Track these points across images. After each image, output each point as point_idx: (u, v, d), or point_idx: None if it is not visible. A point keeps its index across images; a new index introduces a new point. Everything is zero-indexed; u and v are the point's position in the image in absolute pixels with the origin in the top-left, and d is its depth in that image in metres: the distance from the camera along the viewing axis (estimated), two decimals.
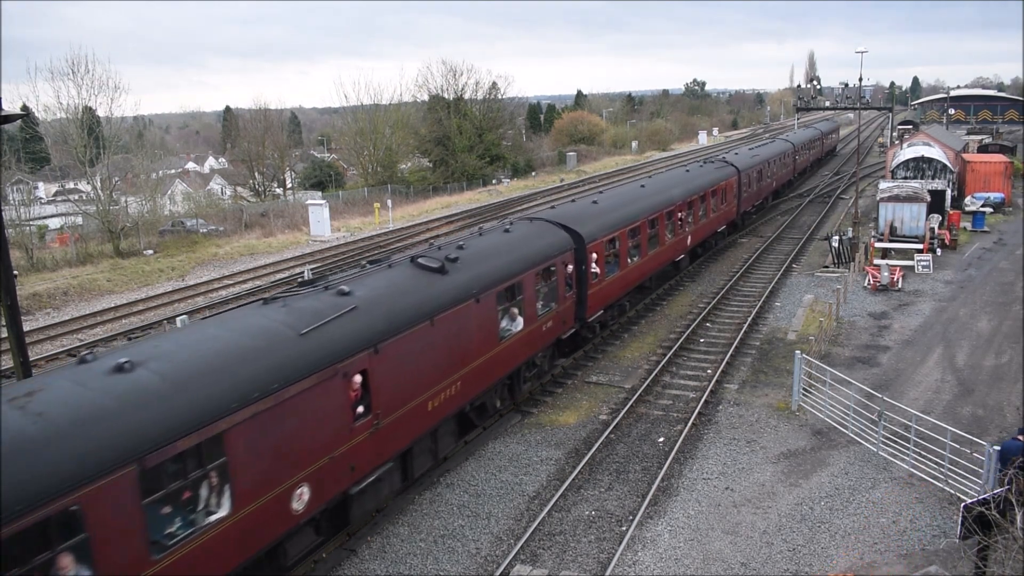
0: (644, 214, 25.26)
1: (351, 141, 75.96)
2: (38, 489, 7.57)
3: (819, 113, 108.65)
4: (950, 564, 12.29)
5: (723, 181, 35.10)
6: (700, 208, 31.54)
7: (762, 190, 44.06)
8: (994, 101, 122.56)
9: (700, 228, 31.76)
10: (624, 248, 23.54)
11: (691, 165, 37.51)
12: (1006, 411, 18.12)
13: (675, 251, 28.87)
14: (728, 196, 35.94)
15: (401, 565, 13.01)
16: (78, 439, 8.10)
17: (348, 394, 12.13)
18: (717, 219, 34.54)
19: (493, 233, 19.28)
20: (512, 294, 17.38)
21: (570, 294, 20.23)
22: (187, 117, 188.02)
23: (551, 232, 20.12)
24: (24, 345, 12.96)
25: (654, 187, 28.75)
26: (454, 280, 15.21)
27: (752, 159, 42.07)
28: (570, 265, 20.09)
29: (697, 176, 33.17)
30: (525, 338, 17.88)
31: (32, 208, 49.10)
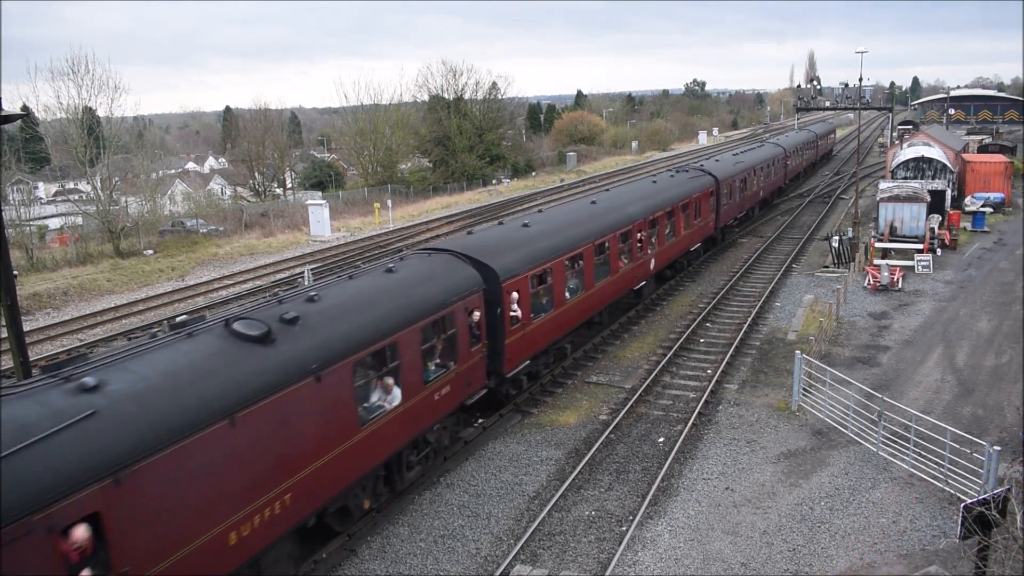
0: (590, 238, 21.41)
1: (351, 141, 75.98)
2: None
3: (819, 113, 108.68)
4: (950, 564, 12.29)
5: (698, 193, 31.45)
6: (667, 225, 27.76)
7: (746, 200, 40.21)
8: (994, 101, 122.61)
9: (667, 249, 28.11)
10: (560, 282, 19.67)
11: (661, 175, 33.76)
12: (1006, 411, 18.12)
13: (633, 279, 25.03)
14: (704, 209, 32.27)
15: (401, 565, 13.01)
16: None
17: (56, 561, 7.89)
18: (690, 236, 30.77)
19: (368, 275, 14.84)
20: (382, 360, 13.37)
21: (477, 348, 16.29)
22: (187, 117, 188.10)
23: (453, 269, 16.14)
24: (24, 345, 12.97)
25: (608, 203, 24.90)
26: (282, 353, 11.07)
27: (734, 166, 38.41)
28: (477, 311, 16.17)
29: (665, 188, 29.42)
30: (405, 415, 13.80)
31: (32, 208, 49.09)
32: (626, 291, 24.65)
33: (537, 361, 19.50)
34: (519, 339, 17.78)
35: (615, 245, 23.08)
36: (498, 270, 16.86)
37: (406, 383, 13.80)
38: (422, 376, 14.40)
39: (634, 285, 25.24)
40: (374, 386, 13.42)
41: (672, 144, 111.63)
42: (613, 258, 23.00)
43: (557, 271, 19.53)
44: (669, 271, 29.74)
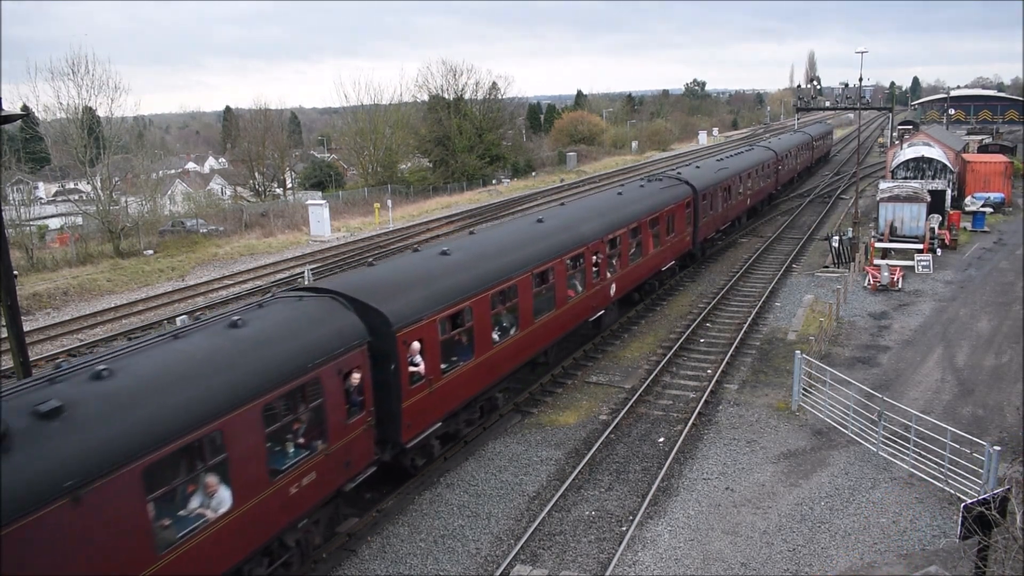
0: (528, 265, 18.14)
1: (351, 141, 76.04)
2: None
3: (819, 113, 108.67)
4: (950, 564, 12.30)
5: (671, 204, 28.17)
6: (632, 244, 24.63)
7: (730, 211, 36.82)
8: (994, 101, 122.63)
9: (633, 270, 24.87)
10: (484, 322, 16.31)
11: (629, 184, 30.41)
12: (1006, 411, 18.12)
13: (588, 309, 21.78)
14: (679, 223, 29.01)
15: (401, 565, 13.01)
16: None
17: None
18: (662, 254, 27.50)
19: (202, 332, 11.37)
20: (198, 455, 9.96)
21: (359, 418, 12.89)
22: (187, 117, 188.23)
23: (325, 319, 12.65)
24: (24, 345, 12.97)
25: (558, 222, 21.40)
26: (16, 466, 7.87)
27: (716, 173, 34.86)
28: (357, 372, 12.80)
29: (632, 201, 26.11)
30: (242, 521, 10.46)
31: (32, 208, 49.15)
32: (579, 323, 21.36)
33: (456, 419, 16.35)
34: (423, 399, 14.37)
35: (562, 272, 19.68)
36: (391, 316, 13.49)
37: (241, 480, 10.41)
38: (268, 466, 10.99)
39: (590, 316, 21.98)
40: (186, 491, 9.99)
41: (672, 144, 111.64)
42: (560, 287, 19.68)
43: (480, 310, 16.12)
44: (637, 294, 26.58)
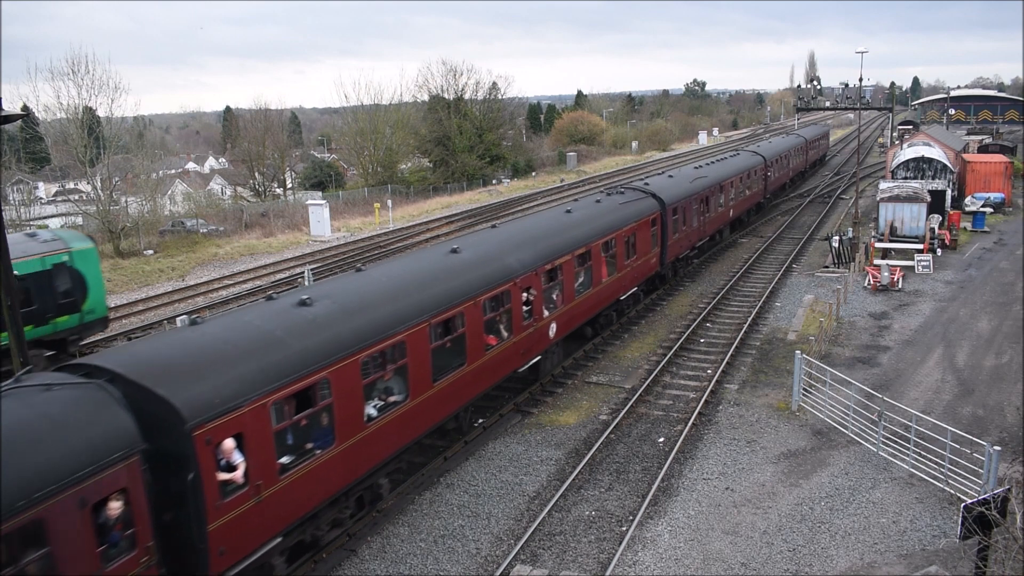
0: (425, 314, 14.40)
1: (351, 141, 76.02)
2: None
3: (818, 114, 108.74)
4: (950, 564, 12.30)
5: (634, 222, 24.52)
6: (580, 273, 21.04)
7: (708, 224, 33.10)
8: (994, 101, 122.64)
9: (581, 304, 21.15)
10: (351, 395, 12.55)
11: (584, 200, 26.36)
12: (1006, 411, 18.12)
13: (515, 357, 17.87)
14: (643, 243, 25.38)
15: (401, 565, 13.01)
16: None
17: None
18: (621, 281, 23.84)
19: None
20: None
21: (124, 560, 9.14)
22: (187, 117, 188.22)
23: (73, 420, 9.01)
24: (24, 345, 12.97)
25: (479, 252, 17.58)
26: None
27: (692, 184, 31.37)
28: (116, 501, 9.08)
29: (583, 220, 22.23)
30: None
31: (32, 208, 49.20)
32: (505, 376, 17.71)
33: (316, 522, 12.64)
34: (245, 514, 10.55)
35: (476, 317, 15.97)
36: (184, 407, 9.71)
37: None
38: None
39: (520, 365, 18.29)
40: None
41: (672, 144, 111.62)
42: (474, 336, 15.98)
43: (345, 380, 12.27)
44: (591, 328, 23.17)
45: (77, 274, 23.34)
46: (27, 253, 22.21)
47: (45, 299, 22.51)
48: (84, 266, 23.55)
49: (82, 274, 23.49)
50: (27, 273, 21.77)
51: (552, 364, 20.58)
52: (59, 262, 22.90)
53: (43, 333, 22.52)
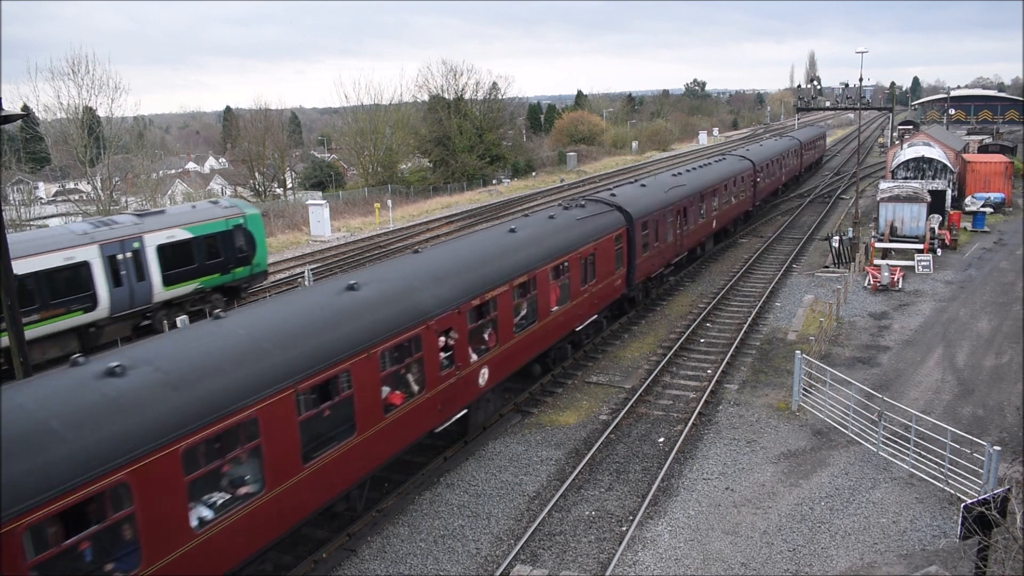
0: (295, 375, 11.41)
1: (351, 141, 76.03)
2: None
3: (819, 113, 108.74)
4: (950, 564, 12.30)
5: (594, 241, 21.64)
6: (522, 305, 18.34)
7: (685, 238, 30.08)
8: (994, 101, 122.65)
9: (523, 341, 18.18)
10: (172, 504, 9.59)
11: (537, 215, 22.74)
12: (1006, 411, 18.12)
13: (429, 414, 14.84)
14: (605, 263, 22.41)
15: (401, 565, 13.01)
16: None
17: None
18: (576, 310, 20.91)
19: None
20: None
21: None
22: (187, 117, 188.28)
23: None
24: (24, 345, 12.96)
25: (384, 288, 14.52)
26: None
27: (667, 193, 28.27)
28: None
29: (529, 242, 19.12)
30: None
31: (32, 208, 49.16)
32: (412, 441, 14.64)
33: None
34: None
35: (369, 374, 12.88)
36: None
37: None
38: None
39: (437, 423, 15.21)
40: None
41: (672, 144, 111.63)
42: (366, 398, 12.92)
43: (157, 480, 9.36)
44: (539, 365, 20.25)
45: (249, 234, 28.41)
46: (214, 216, 27.40)
47: (227, 253, 27.57)
48: (254, 228, 28.72)
49: (252, 234, 28.63)
50: (215, 232, 27.07)
51: (485, 415, 17.48)
52: (237, 224, 28.00)
53: (225, 281, 27.72)
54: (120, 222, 25.03)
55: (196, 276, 26.50)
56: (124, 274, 24.05)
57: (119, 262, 23.92)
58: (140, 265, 24.63)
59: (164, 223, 25.82)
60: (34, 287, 21.63)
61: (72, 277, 22.72)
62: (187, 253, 26.12)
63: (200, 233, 26.57)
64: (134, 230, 24.68)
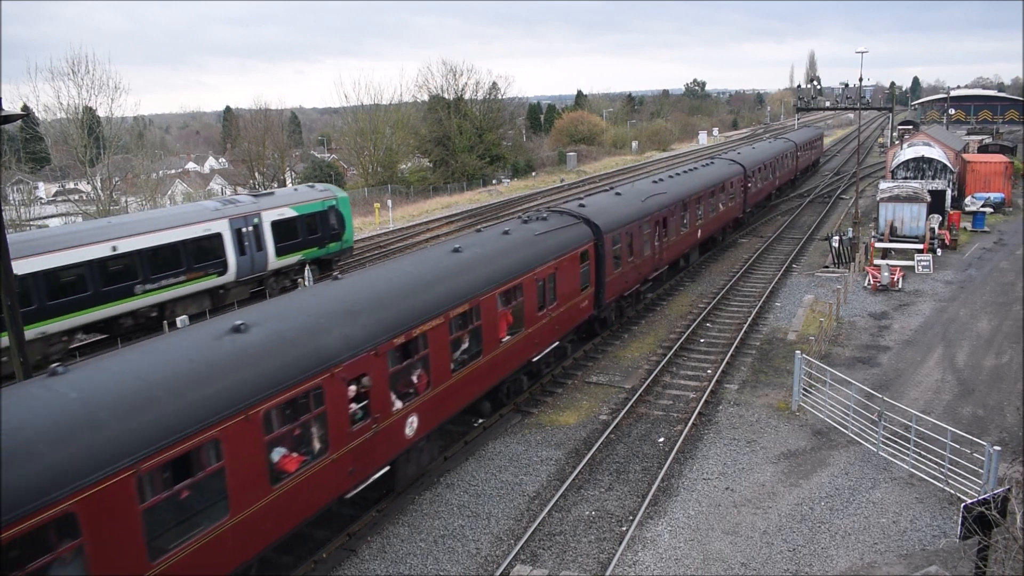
0: (134, 455, 9.08)
1: (351, 141, 76.05)
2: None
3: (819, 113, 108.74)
4: (950, 564, 12.30)
5: (555, 258, 19.42)
6: (465, 337, 15.98)
7: (667, 250, 28.19)
8: (994, 101, 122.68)
9: (465, 380, 15.90)
10: None
11: (490, 231, 20.12)
12: (1006, 411, 18.12)
13: (320, 490, 12.15)
14: (568, 282, 20.27)
15: (401, 565, 13.01)
16: None
17: None
18: (533, 338, 18.68)
19: None
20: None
21: None
22: (187, 117, 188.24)
23: None
24: (24, 345, 12.96)
25: (281, 327, 12.07)
26: None
27: (644, 203, 26.12)
28: None
29: (478, 261, 17.03)
30: None
31: (32, 208, 49.19)
32: (324, 505, 12.39)
33: None
34: None
35: (249, 439, 10.62)
36: None
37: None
38: None
39: (344, 489, 12.80)
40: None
41: (672, 144, 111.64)
42: (242, 470, 10.58)
43: None
44: (488, 402, 17.91)
45: (340, 214, 32.53)
46: (313, 197, 31.80)
47: (323, 230, 31.74)
48: (344, 208, 32.89)
49: (343, 214, 32.75)
50: (315, 211, 31.26)
51: (419, 466, 15.07)
52: (331, 205, 32.11)
53: (320, 254, 31.86)
54: (242, 201, 29.66)
55: (300, 249, 30.90)
56: (247, 245, 28.40)
57: (243, 234, 28.27)
58: (259, 238, 28.97)
59: (276, 203, 30.22)
60: (182, 253, 26.03)
61: (208, 246, 27.02)
62: (293, 229, 30.50)
63: (303, 212, 30.97)
64: (254, 208, 29.04)
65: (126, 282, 24.31)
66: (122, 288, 24.19)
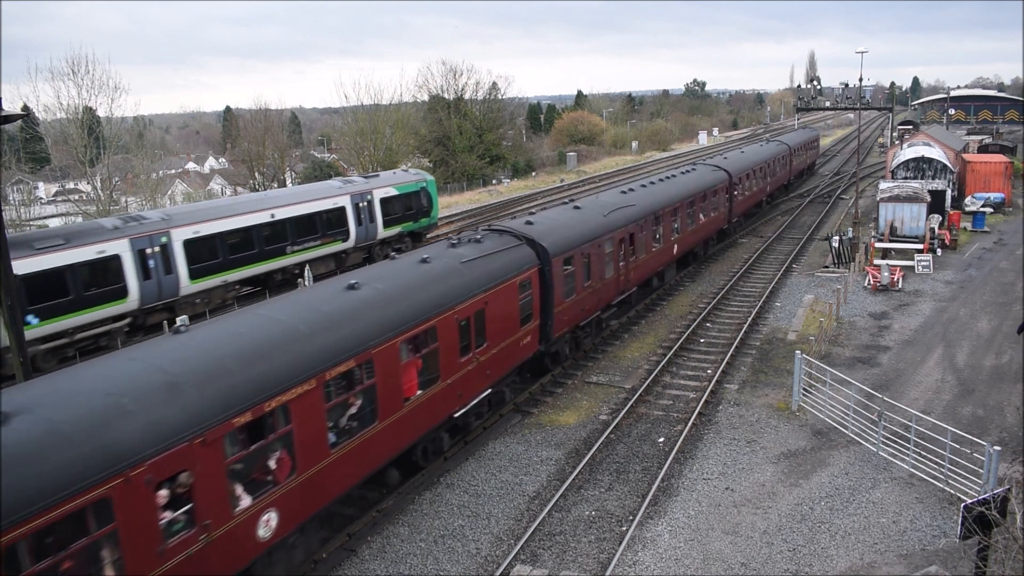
0: None
1: (351, 141, 75.96)
2: None
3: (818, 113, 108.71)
4: (950, 564, 12.30)
5: (485, 292, 16.41)
6: (355, 400, 13.03)
7: (636, 270, 25.11)
8: (994, 101, 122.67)
9: (345, 460, 12.55)
10: None
11: (408, 258, 16.81)
12: (1006, 411, 18.12)
13: None
14: (507, 317, 17.46)
15: (401, 565, 13.01)
16: None
17: None
18: (457, 387, 15.74)
19: None
20: None
21: None
22: (187, 117, 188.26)
23: None
24: (24, 345, 12.97)
25: (69, 414, 9.02)
26: None
27: (608, 217, 23.28)
28: None
29: (376, 302, 13.82)
30: None
31: (32, 208, 49.18)
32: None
33: None
34: None
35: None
36: None
37: None
38: None
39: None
40: None
41: (672, 144, 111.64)
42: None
43: None
44: (396, 471, 15.11)
45: (428, 194, 38.51)
46: (408, 180, 37.71)
47: (416, 208, 37.64)
48: (432, 190, 38.90)
49: (431, 194, 38.73)
50: (411, 191, 37.24)
51: (288, 568, 12.07)
52: (422, 186, 38.22)
53: (414, 227, 37.77)
54: (358, 181, 36.05)
55: (400, 222, 36.66)
56: (363, 217, 34.27)
57: (360, 209, 34.11)
58: (371, 212, 34.77)
59: (382, 183, 36.14)
60: (318, 221, 31.71)
61: (336, 217, 32.72)
62: (395, 206, 36.24)
63: (403, 191, 36.80)
64: (366, 186, 35.09)
65: (280, 243, 29.95)
66: (277, 248, 29.83)
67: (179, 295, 26.25)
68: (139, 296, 24.68)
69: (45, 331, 22.10)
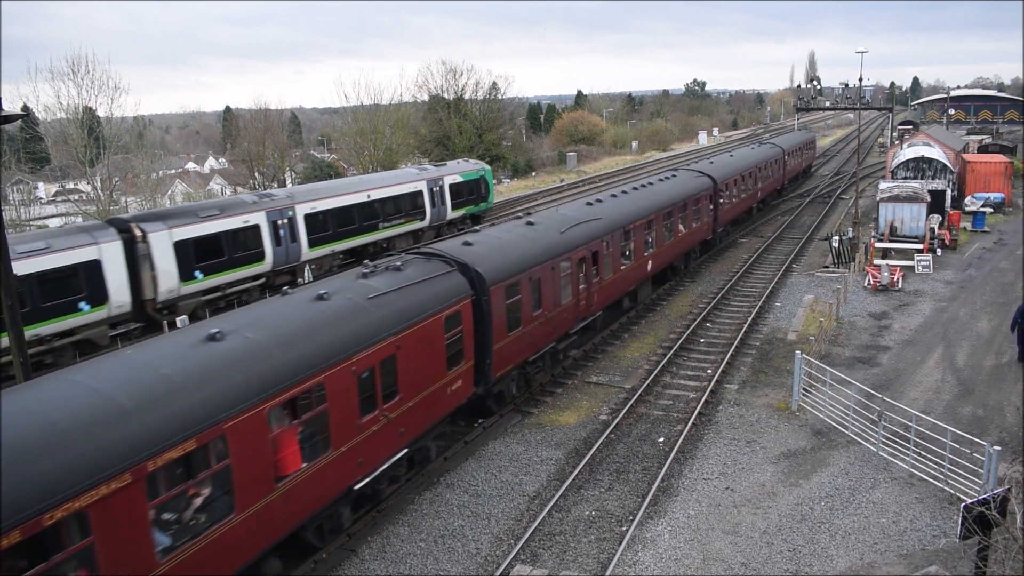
0: None
1: (351, 141, 75.95)
2: None
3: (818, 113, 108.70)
4: (950, 564, 12.30)
5: (396, 334, 13.60)
6: (203, 490, 10.14)
7: (602, 292, 22.70)
8: (994, 101, 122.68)
9: (216, 547, 10.06)
10: None
11: (302, 293, 13.89)
12: (1006, 411, 18.12)
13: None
14: (431, 360, 14.89)
15: (401, 565, 13.02)
16: None
17: None
18: (356, 454, 12.92)
19: None
20: None
21: None
22: (187, 117, 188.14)
23: None
24: (24, 345, 12.96)
25: None
26: None
27: (565, 234, 20.71)
28: None
29: (240, 356, 10.97)
30: None
31: (32, 208, 49.15)
32: None
33: None
34: None
35: None
36: None
37: None
38: None
39: None
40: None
41: (672, 144, 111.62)
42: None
43: None
44: (280, 558, 12.27)
45: (486, 182, 44.37)
46: (470, 168, 43.37)
47: (477, 193, 43.36)
48: (488, 178, 44.73)
49: (488, 181, 44.60)
50: (472, 179, 42.81)
51: None
52: (482, 175, 43.77)
53: (475, 211, 43.56)
54: (430, 168, 41.51)
55: (464, 206, 42.33)
56: (436, 200, 39.42)
57: (434, 192, 39.24)
58: (443, 196, 40.01)
59: (450, 171, 41.64)
60: (402, 202, 36.88)
61: (413, 200, 37.95)
62: (460, 191, 41.70)
63: (466, 179, 42.41)
64: (438, 173, 40.44)
65: (374, 220, 34.89)
66: (372, 224, 34.78)
67: (301, 260, 30.86)
68: (272, 259, 29.35)
69: (205, 285, 26.71)
